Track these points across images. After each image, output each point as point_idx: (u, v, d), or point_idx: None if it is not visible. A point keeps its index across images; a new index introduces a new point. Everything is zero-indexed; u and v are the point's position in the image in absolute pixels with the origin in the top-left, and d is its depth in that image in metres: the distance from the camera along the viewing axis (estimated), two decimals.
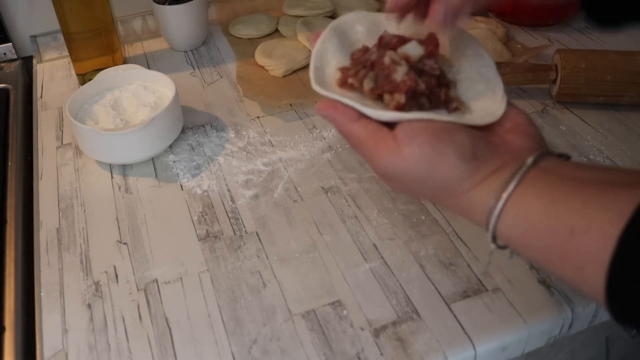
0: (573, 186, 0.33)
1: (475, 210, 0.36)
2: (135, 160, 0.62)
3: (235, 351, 0.45)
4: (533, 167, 0.35)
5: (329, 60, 0.43)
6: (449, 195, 0.37)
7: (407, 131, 0.37)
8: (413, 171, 0.36)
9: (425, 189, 0.38)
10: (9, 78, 0.80)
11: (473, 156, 0.36)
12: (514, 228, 0.34)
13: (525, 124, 0.39)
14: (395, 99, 0.38)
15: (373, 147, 0.38)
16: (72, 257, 0.53)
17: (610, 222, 0.30)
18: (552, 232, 0.32)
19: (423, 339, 0.45)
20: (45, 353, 0.46)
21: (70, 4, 0.70)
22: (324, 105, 0.40)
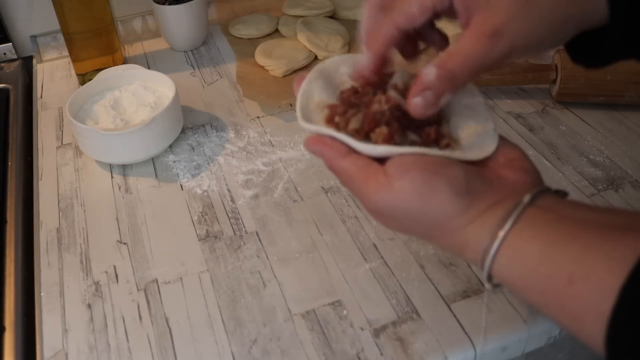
0: (572, 228, 0.31)
1: (470, 248, 0.34)
2: (135, 160, 0.62)
3: (235, 351, 0.45)
4: (530, 205, 0.33)
5: (315, 99, 0.42)
6: (443, 232, 0.35)
7: (398, 165, 0.35)
8: (405, 206, 0.35)
9: (418, 225, 0.36)
10: (9, 78, 0.80)
11: (467, 191, 0.34)
12: (510, 270, 0.33)
13: (520, 158, 0.38)
14: (381, 132, 0.37)
15: (363, 183, 0.36)
16: (72, 257, 0.53)
17: (611, 271, 0.28)
18: (550, 277, 0.31)
19: (423, 339, 0.45)
20: (45, 353, 0.46)
21: (70, 4, 0.70)
22: (313, 141, 0.38)
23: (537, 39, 0.35)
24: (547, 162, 0.60)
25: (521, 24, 0.35)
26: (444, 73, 0.35)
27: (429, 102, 0.36)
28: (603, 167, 0.59)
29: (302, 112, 0.40)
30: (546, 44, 0.37)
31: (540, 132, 0.64)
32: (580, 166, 0.60)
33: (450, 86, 0.36)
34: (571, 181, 0.58)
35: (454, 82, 0.36)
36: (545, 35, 0.35)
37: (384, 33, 0.38)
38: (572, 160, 0.60)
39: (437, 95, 0.36)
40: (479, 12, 0.35)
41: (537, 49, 0.36)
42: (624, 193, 0.56)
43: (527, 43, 0.35)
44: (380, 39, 0.38)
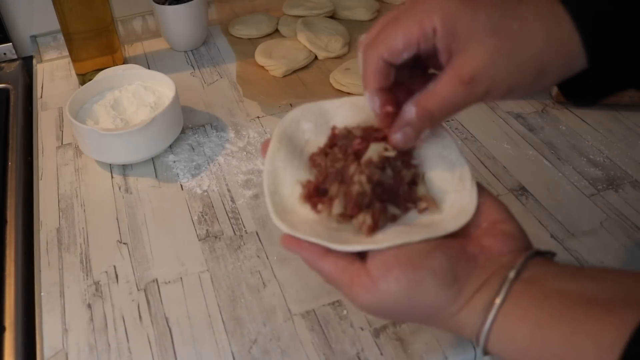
0: (558, 306, 0.31)
1: (465, 331, 0.35)
2: (135, 160, 0.62)
3: (235, 351, 0.45)
4: (516, 280, 0.33)
5: (282, 179, 0.40)
6: (438, 320, 0.36)
7: (379, 265, 0.35)
8: (395, 305, 0.35)
9: (413, 316, 0.36)
10: (9, 78, 0.80)
11: (453, 279, 0.34)
12: (502, 351, 0.33)
13: (501, 220, 0.37)
14: (365, 223, 0.36)
15: (348, 285, 0.36)
16: (72, 257, 0.53)
17: (600, 357, 0.29)
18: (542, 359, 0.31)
19: (423, 339, 0.45)
20: (46, 353, 0.46)
21: (70, 4, 0.70)
22: (288, 243, 0.37)
23: (516, 85, 0.36)
24: (547, 162, 0.60)
25: (498, 71, 0.35)
26: (423, 113, 0.36)
27: (408, 137, 0.37)
28: (603, 167, 0.59)
29: (272, 203, 0.38)
30: (526, 90, 0.37)
31: (540, 132, 0.64)
32: (580, 166, 0.60)
33: (429, 124, 0.37)
34: (571, 181, 0.58)
35: (431, 121, 0.37)
36: (524, 82, 0.36)
37: (371, 66, 0.37)
38: (572, 160, 0.61)
39: (416, 132, 0.37)
40: (459, 55, 0.35)
41: (518, 93, 0.36)
42: (623, 193, 0.56)
43: (504, 89, 0.36)
44: (369, 75, 0.38)
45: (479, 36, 0.35)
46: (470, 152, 0.62)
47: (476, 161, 0.61)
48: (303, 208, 0.39)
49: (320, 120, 0.42)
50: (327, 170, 0.39)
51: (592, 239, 0.52)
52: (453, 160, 0.39)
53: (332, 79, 0.73)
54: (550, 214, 0.54)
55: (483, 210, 0.37)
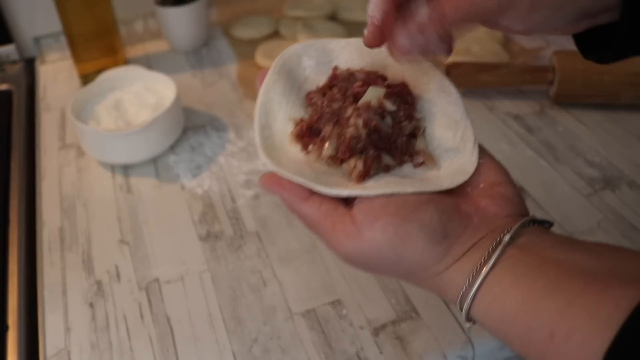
0: (554, 275, 0.29)
1: (449, 292, 0.33)
2: (136, 161, 0.63)
3: (236, 350, 0.45)
4: (510, 245, 0.31)
5: (276, 113, 0.37)
6: (421, 278, 0.33)
7: (366, 212, 0.32)
8: (378, 256, 0.32)
9: (394, 272, 0.34)
10: (12, 79, 0.81)
11: (443, 236, 0.32)
12: (488, 316, 0.31)
13: (500, 182, 0.35)
14: (356, 169, 0.34)
15: (330, 231, 0.33)
16: (75, 256, 0.54)
17: (594, 333, 0.26)
18: (530, 330, 0.29)
19: (422, 338, 0.45)
20: (48, 351, 0.46)
21: (72, 5, 0.70)
22: (267, 182, 0.35)
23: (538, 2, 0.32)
24: (545, 162, 0.61)
25: None
26: (434, 13, 0.33)
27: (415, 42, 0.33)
28: (600, 168, 0.60)
29: (261, 136, 0.36)
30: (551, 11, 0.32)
31: (538, 133, 0.65)
32: (577, 167, 0.60)
33: (439, 28, 0.33)
34: (568, 181, 0.58)
35: (442, 24, 0.33)
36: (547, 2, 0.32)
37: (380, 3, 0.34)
38: (569, 160, 0.61)
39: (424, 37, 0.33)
40: None
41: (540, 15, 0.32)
42: (620, 193, 0.57)
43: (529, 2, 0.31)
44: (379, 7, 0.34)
45: None
46: None
47: None
48: (293, 147, 0.36)
49: (323, 59, 0.40)
50: (322, 109, 0.36)
51: (589, 238, 0.52)
52: (457, 119, 0.37)
53: None
54: (547, 214, 0.55)
55: (482, 172, 0.35)
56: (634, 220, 0.54)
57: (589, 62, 0.40)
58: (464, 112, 0.37)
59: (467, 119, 0.37)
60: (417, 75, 0.38)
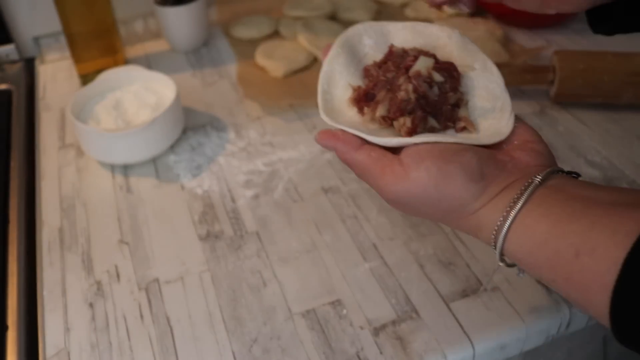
0: (580, 206, 0.32)
1: (484, 229, 0.36)
2: (136, 161, 0.63)
3: (235, 350, 0.45)
4: (541, 186, 0.34)
5: (337, 81, 0.42)
6: (459, 216, 0.37)
7: (413, 155, 0.37)
8: (422, 195, 0.36)
9: (436, 211, 0.38)
10: (12, 79, 0.81)
11: (481, 176, 0.36)
12: (520, 247, 0.34)
13: (533, 140, 0.39)
14: (404, 124, 0.38)
15: (380, 174, 0.37)
16: (74, 256, 0.54)
17: (616, 244, 0.29)
18: (557, 252, 0.32)
19: (422, 338, 0.45)
20: (48, 351, 0.46)
21: (72, 5, 0.70)
22: (324, 136, 0.39)
23: None
24: None
25: None
26: None
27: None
28: (600, 168, 0.60)
29: (323, 99, 0.41)
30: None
31: (539, 133, 0.65)
32: (578, 166, 0.60)
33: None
34: None
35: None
36: None
37: None
38: (570, 160, 0.61)
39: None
40: None
41: None
42: None
43: None
44: None
45: None
46: None
47: None
48: (350, 110, 0.41)
49: (380, 40, 0.45)
50: (378, 78, 0.41)
51: None
52: (497, 94, 0.41)
53: None
54: None
55: (516, 133, 0.39)
56: None
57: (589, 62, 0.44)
58: (504, 89, 0.41)
59: (506, 94, 0.41)
60: (463, 56, 0.43)
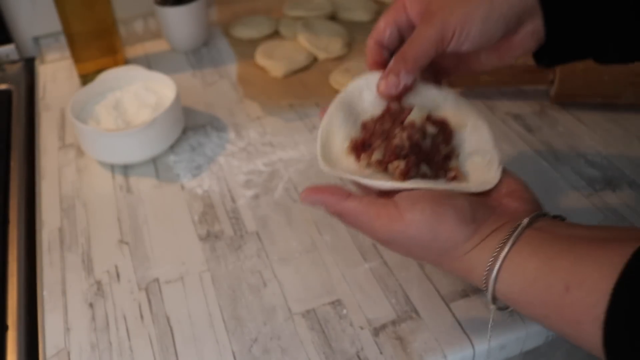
0: (567, 243, 0.34)
1: (476, 271, 0.37)
2: (136, 161, 0.63)
3: (235, 350, 0.45)
4: (529, 227, 0.36)
5: (335, 134, 0.44)
6: (452, 258, 0.38)
7: (407, 198, 0.38)
8: (417, 236, 0.38)
9: (429, 252, 0.39)
10: (12, 79, 0.81)
11: (472, 218, 0.37)
12: (511, 286, 0.35)
13: (521, 189, 0.41)
14: (399, 166, 0.40)
15: (375, 217, 0.39)
16: (74, 256, 0.54)
17: (603, 276, 0.31)
18: (548, 288, 0.33)
19: (422, 338, 0.45)
20: (48, 351, 0.46)
21: (72, 5, 0.70)
22: (309, 192, 0.41)
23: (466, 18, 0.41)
24: (545, 162, 0.61)
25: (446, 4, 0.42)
26: (397, 56, 0.43)
27: (390, 82, 0.43)
28: (600, 168, 0.60)
29: (322, 151, 0.43)
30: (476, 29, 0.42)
31: (538, 133, 0.65)
32: (577, 166, 0.60)
33: (403, 66, 0.42)
34: (569, 181, 0.58)
35: (405, 62, 0.42)
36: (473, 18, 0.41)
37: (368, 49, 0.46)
38: (569, 160, 0.61)
39: (396, 75, 0.43)
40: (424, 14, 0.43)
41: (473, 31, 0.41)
42: (621, 193, 0.57)
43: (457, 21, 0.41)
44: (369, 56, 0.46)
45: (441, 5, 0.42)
46: None
47: None
48: (347, 159, 0.43)
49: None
50: (374, 130, 0.43)
51: None
52: (487, 149, 0.44)
53: (332, 79, 0.73)
54: None
55: (504, 182, 0.41)
56: (635, 220, 0.54)
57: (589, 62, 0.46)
58: (493, 145, 0.44)
59: (495, 150, 0.44)
60: (457, 116, 0.45)
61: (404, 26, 0.45)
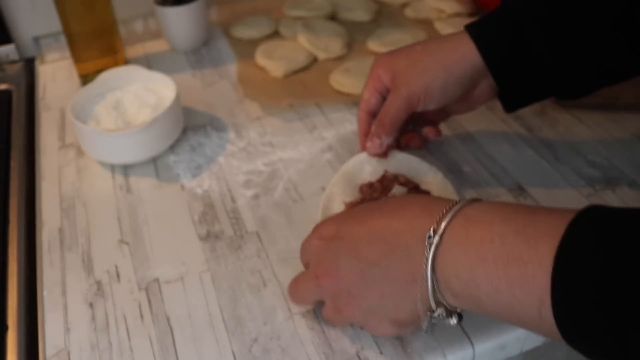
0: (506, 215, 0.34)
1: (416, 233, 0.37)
2: (136, 161, 0.63)
3: (235, 350, 0.45)
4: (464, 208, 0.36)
5: (334, 200, 0.53)
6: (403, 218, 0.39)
7: None
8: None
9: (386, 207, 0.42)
10: (12, 79, 0.81)
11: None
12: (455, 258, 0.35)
13: None
14: None
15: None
16: (74, 256, 0.54)
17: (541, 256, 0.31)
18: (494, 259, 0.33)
19: (422, 338, 0.45)
20: (48, 351, 0.46)
21: (72, 5, 0.70)
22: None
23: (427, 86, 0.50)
24: (545, 162, 0.61)
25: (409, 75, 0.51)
26: (376, 122, 0.53)
27: (375, 144, 0.53)
28: (600, 168, 0.60)
29: (323, 214, 0.51)
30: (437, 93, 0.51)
31: (539, 133, 0.65)
32: (578, 166, 0.60)
33: (382, 130, 0.52)
34: (569, 181, 0.58)
35: (383, 127, 0.52)
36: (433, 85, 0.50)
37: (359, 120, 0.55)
38: (570, 160, 0.61)
39: (378, 138, 0.52)
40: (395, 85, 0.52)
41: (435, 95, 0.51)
42: (621, 193, 0.57)
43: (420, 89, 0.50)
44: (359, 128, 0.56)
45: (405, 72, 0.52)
46: (469, 152, 0.63)
47: (475, 161, 0.62)
48: None
49: (379, 167, 0.55)
50: (367, 196, 0.52)
51: None
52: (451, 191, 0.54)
53: (332, 79, 0.73)
54: None
55: None
56: None
57: None
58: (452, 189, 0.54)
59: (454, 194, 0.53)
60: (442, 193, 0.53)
61: (383, 91, 0.54)
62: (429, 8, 0.87)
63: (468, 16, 0.85)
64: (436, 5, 0.87)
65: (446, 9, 0.86)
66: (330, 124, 0.68)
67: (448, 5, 0.86)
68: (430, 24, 0.84)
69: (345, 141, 0.65)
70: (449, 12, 0.86)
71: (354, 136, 0.66)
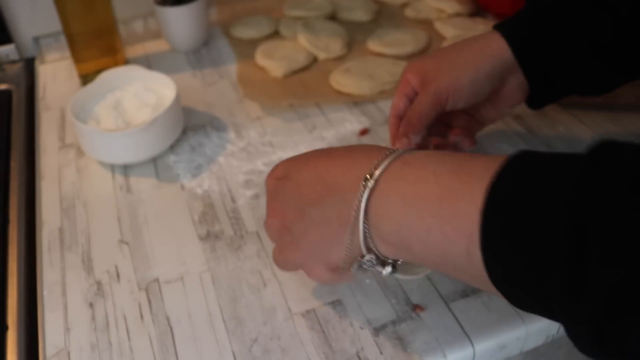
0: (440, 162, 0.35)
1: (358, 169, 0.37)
2: (136, 161, 0.63)
3: (235, 350, 0.45)
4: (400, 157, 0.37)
5: None
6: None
7: None
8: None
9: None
10: (12, 79, 0.81)
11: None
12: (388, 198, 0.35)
13: None
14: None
15: None
16: (74, 256, 0.54)
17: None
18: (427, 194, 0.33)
19: (422, 338, 0.45)
20: (48, 351, 0.46)
21: (72, 5, 0.70)
22: None
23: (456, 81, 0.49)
24: None
25: (438, 73, 0.50)
26: (404, 121, 0.51)
27: (402, 142, 0.50)
28: None
29: None
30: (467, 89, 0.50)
31: (539, 133, 0.65)
32: None
33: (410, 128, 0.50)
34: None
35: (412, 125, 0.50)
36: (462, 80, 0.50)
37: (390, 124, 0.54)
38: None
39: (406, 136, 0.50)
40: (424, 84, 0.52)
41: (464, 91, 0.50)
42: None
43: (448, 85, 0.49)
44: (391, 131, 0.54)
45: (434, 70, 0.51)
46: (469, 152, 0.63)
47: None
48: None
49: None
50: None
51: None
52: None
53: (332, 79, 0.74)
54: None
55: None
56: None
57: None
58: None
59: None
60: None
61: (412, 96, 0.53)
62: (429, 8, 0.87)
63: (468, 16, 0.85)
64: (436, 5, 0.87)
65: (446, 9, 0.86)
66: (330, 124, 0.68)
67: (448, 5, 0.86)
68: (430, 24, 0.84)
69: (345, 141, 0.65)
70: (449, 12, 0.86)
71: (354, 136, 0.66)
